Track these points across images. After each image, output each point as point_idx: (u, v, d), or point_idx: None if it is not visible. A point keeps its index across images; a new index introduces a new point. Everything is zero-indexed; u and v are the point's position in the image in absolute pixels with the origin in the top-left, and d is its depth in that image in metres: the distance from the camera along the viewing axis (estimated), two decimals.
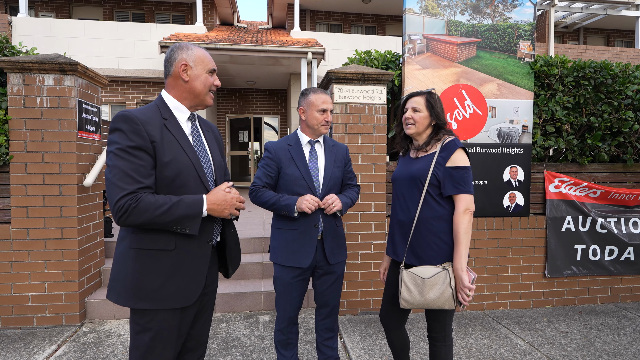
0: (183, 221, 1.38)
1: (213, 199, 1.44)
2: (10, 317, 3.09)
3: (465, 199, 1.77)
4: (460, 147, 1.82)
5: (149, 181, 1.37)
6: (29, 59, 2.94)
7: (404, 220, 1.90)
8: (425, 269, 1.79)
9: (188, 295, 1.47)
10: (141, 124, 1.37)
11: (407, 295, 1.81)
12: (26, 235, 3.07)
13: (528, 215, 3.64)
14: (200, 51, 1.52)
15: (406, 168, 1.94)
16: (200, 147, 1.55)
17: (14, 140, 3.00)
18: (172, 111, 1.50)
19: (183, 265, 1.45)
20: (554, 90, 3.63)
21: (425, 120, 1.89)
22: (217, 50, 7.62)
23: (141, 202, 1.32)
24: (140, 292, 1.40)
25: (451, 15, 3.46)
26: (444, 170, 1.80)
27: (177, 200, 1.37)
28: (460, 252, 1.74)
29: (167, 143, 1.42)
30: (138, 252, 1.42)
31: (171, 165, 1.41)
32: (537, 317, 3.46)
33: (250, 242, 4.17)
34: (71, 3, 10.61)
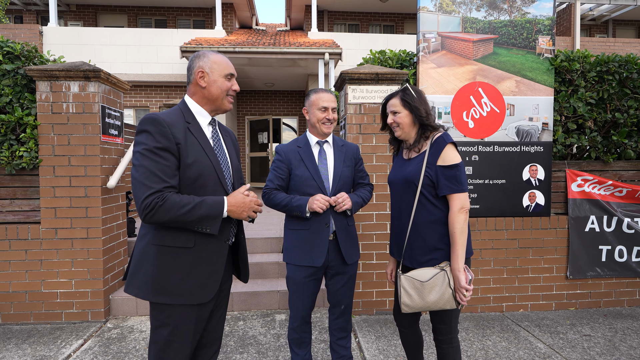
0: (204, 221, 1.44)
1: (233, 201, 1.50)
2: (40, 312, 3.26)
3: (460, 198, 1.73)
4: (449, 142, 1.76)
5: (174, 181, 1.43)
6: (56, 67, 3.09)
7: (400, 224, 1.89)
8: (422, 271, 1.77)
9: (205, 292, 1.52)
10: (167, 127, 1.43)
11: (407, 300, 1.78)
12: (54, 235, 3.22)
13: (549, 215, 3.54)
14: (218, 57, 1.58)
15: (400, 170, 1.92)
16: (220, 151, 1.62)
17: (42, 145, 3.16)
18: (194, 115, 1.57)
19: (201, 262, 1.50)
20: (575, 86, 3.52)
21: (406, 118, 1.84)
22: (235, 54, 7.76)
23: (167, 200, 1.37)
24: (160, 287, 1.46)
25: (467, 12, 3.41)
26: (435, 170, 1.76)
27: (200, 200, 1.43)
28: (457, 252, 1.71)
29: (190, 145, 1.48)
30: (159, 248, 1.47)
31: (194, 167, 1.47)
32: (559, 320, 3.36)
33: (267, 242, 4.23)
34: (98, 12, 11.03)
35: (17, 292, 3.23)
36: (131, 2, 10.81)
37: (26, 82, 3.17)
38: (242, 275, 1.78)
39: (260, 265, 3.88)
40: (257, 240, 4.21)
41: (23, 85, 3.17)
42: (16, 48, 3.12)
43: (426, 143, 1.83)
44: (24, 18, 10.95)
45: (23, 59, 3.17)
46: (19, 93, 3.15)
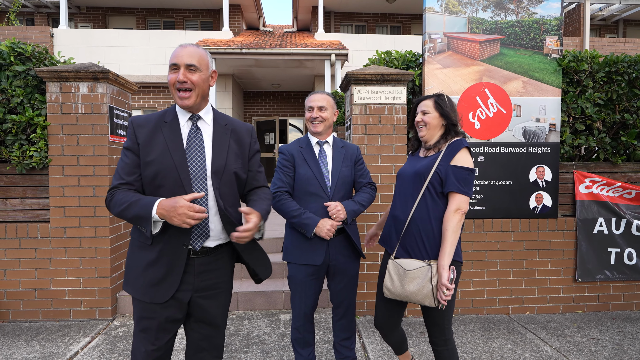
0: (139, 220, 1.43)
1: (165, 205, 1.38)
2: (49, 310, 3.30)
3: (460, 199, 1.78)
4: (465, 146, 1.83)
5: (130, 178, 1.48)
6: (65, 69, 3.14)
7: (400, 216, 1.93)
8: (410, 261, 1.84)
9: (157, 293, 1.48)
10: (133, 127, 1.51)
11: (389, 283, 1.87)
12: (63, 234, 3.27)
13: (556, 217, 3.51)
14: (174, 51, 1.51)
15: (412, 165, 1.97)
16: (195, 150, 1.52)
17: (52, 145, 3.21)
18: (177, 114, 1.56)
19: (157, 262, 1.49)
20: (583, 87, 3.48)
21: (434, 120, 1.91)
22: (242, 55, 7.81)
23: (114, 197, 1.46)
24: (127, 277, 1.55)
25: (473, 13, 3.40)
26: (447, 168, 1.80)
27: (136, 199, 1.43)
28: (445, 249, 1.75)
29: (154, 144, 1.49)
30: (132, 241, 1.57)
31: (151, 166, 1.47)
32: (566, 323, 3.33)
33: (272, 242, 4.24)
34: (107, 14, 11.16)
35: (26, 289, 3.28)
36: (140, 4, 10.93)
37: (37, 83, 3.22)
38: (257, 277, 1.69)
39: None
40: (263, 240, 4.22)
41: (34, 86, 3.22)
42: (27, 50, 3.18)
43: (444, 145, 1.89)
44: (35, 20, 11.13)
45: (34, 61, 3.23)
46: (30, 94, 3.21)
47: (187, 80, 1.47)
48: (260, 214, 1.52)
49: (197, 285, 1.55)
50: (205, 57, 1.54)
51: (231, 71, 9.12)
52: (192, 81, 1.48)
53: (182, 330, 2.98)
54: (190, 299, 1.56)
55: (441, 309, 1.81)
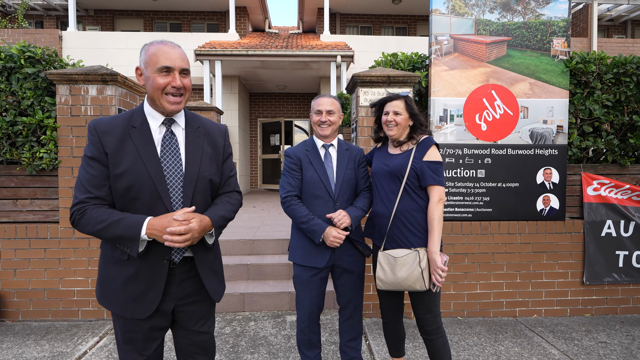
0: (122, 241, 1.32)
1: (156, 225, 1.29)
2: (58, 309, 3.34)
3: (439, 190, 1.97)
4: (434, 143, 2.04)
5: (99, 192, 1.34)
6: (74, 71, 3.18)
7: (383, 212, 2.07)
8: (398, 250, 2.00)
9: (139, 309, 1.41)
10: (98, 135, 1.35)
11: (381, 274, 2.01)
12: (72, 234, 3.31)
13: (564, 219, 3.48)
14: (154, 48, 1.36)
15: (385, 163, 2.11)
16: (170, 157, 1.41)
17: (61, 146, 3.25)
18: (146, 117, 1.42)
19: (136, 278, 1.39)
20: (591, 88, 3.46)
21: (405, 122, 2.07)
22: (248, 57, 7.85)
23: (85, 214, 1.31)
24: (103, 291, 1.45)
25: (480, 14, 3.39)
26: (421, 164, 1.99)
27: (118, 219, 1.30)
28: (434, 237, 1.94)
29: (125, 153, 1.35)
30: (104, 255, 1.46)
31: (124, 177, 1.33)
32: (574, 326, 3.30)
33: (278, 244, 4.26)
34: (115, 16, 11.28)
35: (36, 289, 3.33)
36: (147, 6, 11.03)
37: (46, 86, 3.27)
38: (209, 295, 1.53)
39: (271, 267, 3.91)
40: (269, 241, 4.24)
41: (43, 89, 3.27)
42: (37, 52, 3.22)
43: (411, 142, 2.08)
44: (44, 23, 11.27)
45: (44, 63, 3.27)
46: (40, 96, 3.25)
47: (183, 85, 1.38)
48: (209, 219, 1.40)
49: (179, 294, 1.48)
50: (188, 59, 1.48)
51: (237, 73, 9.17)
52: (185, 86, 1.40)
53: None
54: (174, 308, 1.50)
55: (436, 292, 1.97)
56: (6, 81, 3.17)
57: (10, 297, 3.32)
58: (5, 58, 3.13)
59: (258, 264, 3.90)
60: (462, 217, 3.44)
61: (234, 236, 4.34)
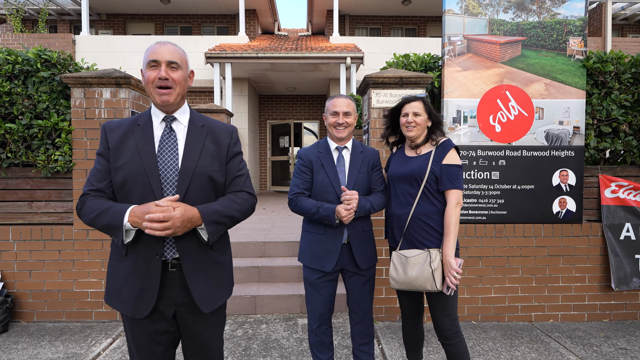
0: (111, 230, 1.35)
1: (137, 212, 1.31)
2: (72, 311, 3.37)
3: (457, 194, 1.97)
4: (453, 146, 2.02)
5: (101, 185, 1.42)
6: (89, 75, 3.22)
7: (400, 214, 2.07)
8: (411, 250, 2.02)
9: (138, 308, 1.40)
10: (105, 133, 1.46)
11: (394, 273, 2.05)
12: (86, 236, 3.34)
13: (581, 222, 3.41)
14: (150, 47, 1.43)
15: (403, 166, 2.10)
16: (167, 153, 1.44)
17: (76, 149, 3.28)
18: (151, 116, 1.50)
19: (133, 275, 1.41)
20: (609, 88, 3.39)
21: (425, 122, 2.06)
22: (258, 59, 7.88)
23: (85, 204, 1.40)
24: (109, 290, 1.48)
25: (493, 14, 3.35)
26: (440, 167, 1.99)
27: (107, 207, 1.36)
28: (449, 240, 1.94)
29: (125, 149, 1.42)
30: (111, 255, 1.50)
31: (121, 171, 1.40)
32: (592, 332, 3.23)
33: (289, 246, 4.25)
34: (126, 20, 11.42)
35: (50, 290, 3.36)
36: (158, 10, 11.15)
37: (61, 89, 3.30)
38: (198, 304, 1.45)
39: (282, 269, 3.90)
40: (279, 244, 4.23)
41: (59, 92, 3.31)
42: (53, 56, 3.26)
43: (430, 145, 2.08)
44: (58, 27, 11.46)
45: (59, 67, 3.31)
46: (55, 99, 3.29)
47: (169, 77, 1.40)
48: (197, 210, 1.36)
49: (179, 300, 1.45)
50: (184, 55, 1.50)
51: (247, 75, 9.20)
52: (174, 79, 1.41)
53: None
54: (174, 313, 1.47)
55: (450, 294, 1.94)
56: (22, 85, 3.21)
57: (26, 298, 3.36)
58: (22, 62, 3.18)
59: (269, 267, 3.89)
60: (476, 219, 3.38)
61: (245, 238, 4.34)
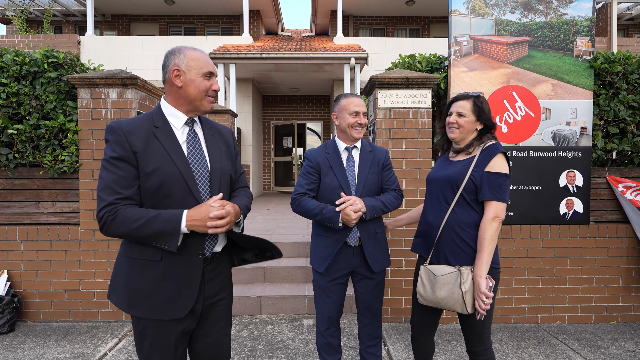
0: (160, 237, 1.33)
1: (195, 215, 1.34)
2: (78, 311, 3.38)
3: (497, 207, 1.71)
4: (501, 151, 1.75)
5: (129, 192, 1.34)
6: (96, 75, 3.23)
7: (433, 222, 1.87)
8: (440, 267, 1.80)
9: (176, 308, 1.41)
10: (123, 135, 1.35)
11: (421, 289, 1.85)
12: (92, 236, 3.34)
13: (588, 224, 3.39)
14: (195, 53, 1.45)
15: (442, 170, 1.90)
16: (196, 155, 1.48)
17: (82, 149, 3.29)
18: (166, 118, 1.46)
19: (170, 277, 1.40)
20: (616, 89, 3.37)
21: (470, 125, 1.83)
22: (262, 60, 7.88)
23: (118, 214, 1.30)
24: (132, 300, 1.40)
25: (500, 15, 3.33)
26: (482, 174, 1.74)
27: (155, 215, 1.32)
28: (482, 258, 1.69)
29: (152, 152, 1.38)
30: (130, 260, 1.42)
31: (154, 175, 1.36)
32: (600, 334, 3.20)
33: (294, 247, 4.24)
34: (131, 21, 11.46)
35: (56, 290, 3.37)
36: (162, 11, 11.19)
37: (68, 90, 3.32)
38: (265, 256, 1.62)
39: (288, 270, 3.90)
40: (284, 244, 4.23)
41: (66, 93, 3.32)
42: (60, 57, 3.28)
43: (477, 148, 1.81)
44: (63, 28, 11.52)
45: (66, 68, 3.33)
46: (62, 100, 3.30)
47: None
48: (238, 206, 1.49)
49: (207, 293, 1.51)
50: None
51: (251, 76, 9.21)
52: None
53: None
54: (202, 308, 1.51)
55: (480, 319, 1.74)
56: (30, 85, 3.23)
57: (32, 297, 3.37)
58: (30, 63, 3.19)
59: (274, 267, 3.89)
60: None
61: None
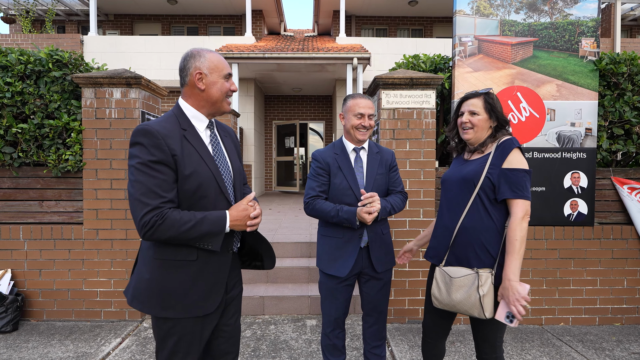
0: (206, 238, 1.39)
1: (235, 215, 1.44)
2: (81, 310, 3.38)
3: (524, 205, 1.62)
4: (517, 146, 1.68)
5: (171, 195, 1.36)
6: (100, 75, 3.23)
7: (449, 225, 1.80)
8: (457, 269, 1.72)
9: (209, 303, 1.47)
10: (162, 138, 1.35)
11: (436, 292, 1.78)
12: (96, 236, 3.35)
13: (592, 225, 3.38)
14: (215, 56, 1.49)
15: (458, 170, 1.83)
16: (220, 156, 1.54)
17: (86, 149, 3.30)
18: (190, 120, 1.48)
19: (204, 274, 1.45)
20: (622, 90, 3.35)
21: (484, 123, 1.76)
22: (265, 60, 7.88)
23: (167, 218, 1.31)
24: (164, 302, 1.41)
25: (505, 15, 3.32)
26: (499, 172, 1.66)
27: (202, 217, 1.37)
28: (513, 261, 1.58)
29: (187, 155, 1.41)
30: (162, 262, 1.42)
31: (192, 178, 1.40)
32: (604, 336, 3.19)
33: (296, 247, 4.24)
34: (134, 21, 11.47)
35: (60, 289, 3.37)
36: (165, 11, 11.20)
37: (72, 89, 3.32)
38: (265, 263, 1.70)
39: (290, 270, 3.89)
40: (287, 244, 4.23)
41: (70, 92, 3.32)
42: (64, 56, 3.28)
43: (492, 145, 1.75)
44: (66, 28, 11.54)
45: (70, 67, 3.33)
46: (66, 99, 3.31)
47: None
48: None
49: (227, 287, 1.59)
50: None
51: (253, 76, 9.21)
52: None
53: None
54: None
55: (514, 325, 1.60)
56: (34, 85, 3.23)
57: (36, 297, 3.37)
58: (34, 62, 3.20)
59: (277, 267, 3.88)
60: None
61: None
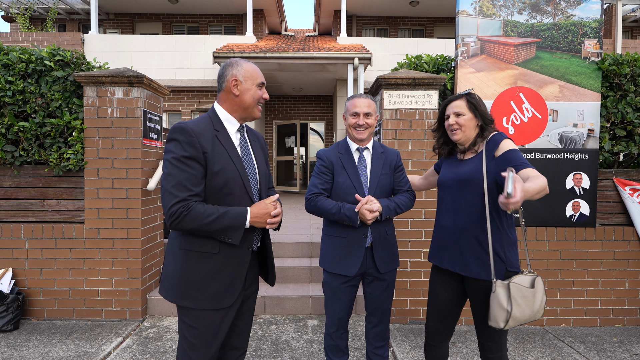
0: (227, 231, 1.48)
1: (256, 212, 1.53)
2: (82, 309, 3.38)
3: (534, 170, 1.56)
4: (505, 137, 1.74)
5: (198, 189, 1.47)
6: (102, 74, 3.22)
7: (450, 226, 1.81)
8: (519, 278, 1.62)
9: (227, 297, 1.55)
10: (195, 136, 1.47)
11: (518, 313, 1.58)
12: (97, 235, 3.34)
13: (594, 226, 3.37)
14: (250, 66, 1.62)
15: (453, 171, 1.86)
16: (247, 157, 1.64)
17: (88, 148, 3.29)
18: (223, 123, 1.60)
19: (224, 268, 1.54)
20: (624, 91, 3.35)
21: (470, 122, 1.80)
22: (266, 59, 7.87)
23: (192, 210, 1.42)
24: (185, 291, 1.51)
25: (508, 16, 3.32)
26: (496, 161, 1.68)
27: (224, 211, 1.47)
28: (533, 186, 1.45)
29: (217, 154, 1.52)
30: (186, 252, 1.52)
31: (220, 175, 1.50)
32: (606, 337, 3.19)
33: (298, 247, 4.23)
34: (134, 20, 11.46)
35: (61, 288, 3.37)
36: (166, 10, 11.18)
37: (74, 88, 3.31)
38: (269, 278, 1.80)
39: (292, 270, 3.89)
40: (288, 244, 4.22)
41: (72, 91, 3.32)
42: (67, 55, 3.27)
43: (482, 143, 1.80)
44: (67, 26, 11.52)
45: (72, 66, 3.32)
46: (68, 98, 3.30)
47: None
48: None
49: (248, 282, 1.70)
50: None
51: None
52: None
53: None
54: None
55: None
56: (36, 83, 3.23)
57: (37, 295, 3.37)
58: (36, 61, 3.19)
59: (278, 267, 3.88)
60: None
61: None
